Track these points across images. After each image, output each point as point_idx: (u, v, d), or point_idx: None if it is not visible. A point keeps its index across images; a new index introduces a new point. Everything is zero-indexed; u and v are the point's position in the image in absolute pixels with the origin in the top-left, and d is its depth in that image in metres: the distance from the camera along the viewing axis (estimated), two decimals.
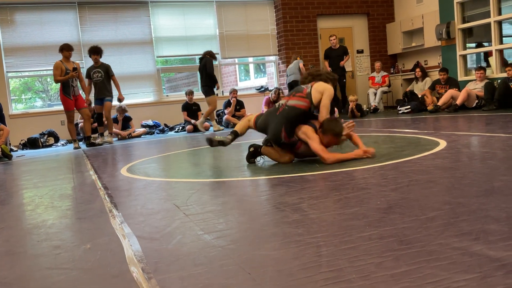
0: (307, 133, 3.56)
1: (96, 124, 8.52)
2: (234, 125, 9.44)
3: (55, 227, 2.29)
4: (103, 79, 8.09)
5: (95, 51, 8.04)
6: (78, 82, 7.65)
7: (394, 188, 2.43)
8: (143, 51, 9.82)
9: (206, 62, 8.58)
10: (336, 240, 1.67)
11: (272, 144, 3.79)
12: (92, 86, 8.20)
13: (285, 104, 3.67)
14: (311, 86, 3.72)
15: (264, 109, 9.91)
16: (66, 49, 7.50)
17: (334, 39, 9.75)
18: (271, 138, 3.72)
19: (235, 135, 3.89)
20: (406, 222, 1.81)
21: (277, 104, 3.80)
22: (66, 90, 7.44)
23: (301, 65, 9.51)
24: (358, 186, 2.58)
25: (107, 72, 8.15)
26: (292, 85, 9.17)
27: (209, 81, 8.64)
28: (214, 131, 8.75)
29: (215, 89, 8.78)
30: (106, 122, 8.24)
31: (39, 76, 11.40)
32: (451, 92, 8.17)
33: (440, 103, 8.18)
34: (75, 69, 7.46)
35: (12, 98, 9.42)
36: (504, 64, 8.29)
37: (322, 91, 3.67)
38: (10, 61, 8.99)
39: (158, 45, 9.94)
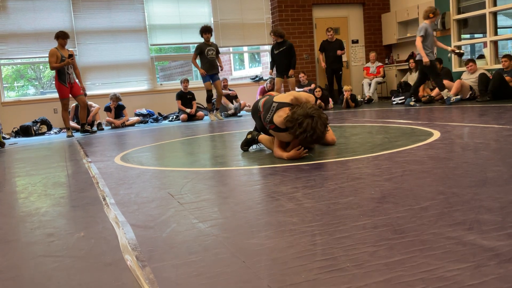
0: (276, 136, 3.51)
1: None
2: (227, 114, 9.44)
3: (49, 215, 2.28)
4: (215, 56, 8.60)
5: (207, 30, 8.52)
6: (73, 70, 7.62)
7: (388, 178, 2.43)
8: (136, 39, 9.74)
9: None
10: (330, 229, 1.68)
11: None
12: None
13: (260, 113, 3.64)
14: (271, 119, 3.39)
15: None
16: (62, 36, 7.50)
17: (331, 33, 9.70)
18: (259, 128, 3.90)
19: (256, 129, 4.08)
20: (400, 212, 1.81)
21: (257, 105, 3.72)
22: (62, 77, 7.43)
23: (418, 41, 7.38)
24: (352, 176, 2.58)
25: (217, 50, 8.66)
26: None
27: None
28: None
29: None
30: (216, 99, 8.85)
31: (31, 64, 11.31)
32: (445, 83, 8.18)
33: (434, 93, 8.20)
34: (70, 56, 7.44)
35: (4, 85, 9.33)
36: None
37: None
38: (2, 48, 8.88)
39: (152, 33, 9.86)
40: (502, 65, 7.70)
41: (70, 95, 7.58)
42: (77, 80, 7.73)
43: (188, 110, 9.17)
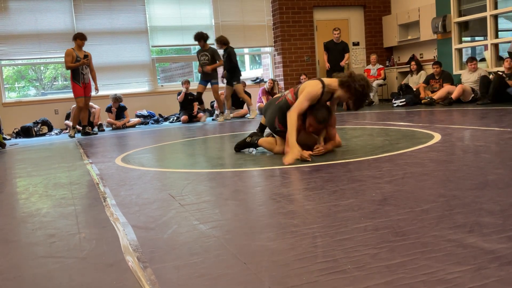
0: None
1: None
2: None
3: (50, 215, 2.28)
4: (209, 62, 8.50)
5: (198, 37, 8.44)
6: (89, 71, 7.76)
7: (389, 180, 2.44)
8: (138, 40, 9.75)
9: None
10: (331, 231, 1.68)
11: (274, 135, 3.83)
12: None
13: (284, 96, 3.67)
14: (301, 84, 3.59)
15: (262, 99, 9.86)
16: (80, 37, 7.71)
17: (338, 34, 9.66)
18: (267, 124, 3.79)
19: (261, 127, 4.04)
20: (401, 214, 1.82)
21: (281, 93, 3.78)
22: (76, 77, 7.63)
23: None
24: (353, 178, 2.58)
25: (213, 56, 8.51)
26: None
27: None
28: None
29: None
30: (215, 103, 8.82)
31: (32, 65, 11.31)
32: (448, 87, 8.17)
33: (436, 97, 8.20)
34: (86, 56, 7.57)
35: (5, 86, 9.34)
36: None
37: (302, 90, 3.47)
38: (3, 49, 8.89)
39: (153, 34, 9.87)
40: (504, 66, 7.69)
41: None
42: (91, 81, 7.83)
43: (183, 89, 9.18)
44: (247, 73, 12.79)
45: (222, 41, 8.65)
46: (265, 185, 2.65)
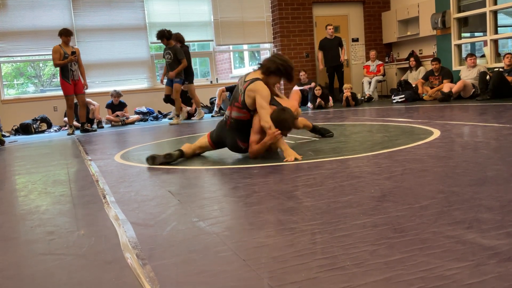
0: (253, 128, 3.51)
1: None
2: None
3: (49, 213, 2.29)
4: (171, 61, 8.12)
5: (158, 36, 8.12)
6: (78, 67, 7.66)
7: (388, 177, 2.44)
8: (137, 37, 9.72)
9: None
10: (330, 227, 1.68)
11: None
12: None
13: (230, 117, 3.57)
14: (244, 90, 3.47)
15: None
16: (64, 34, 7.58)
17: (331, 29, 9.64)
18: (234, 151, 3.68)
19: (181, 153, 3.65)
20: (400, 211, 1.82)
21: (224, 116, 3.68)
22: (65, 74, 7.52)
23: None
24: (352, 175, 2.59)
25: (175, 54, 8.15)
26: None
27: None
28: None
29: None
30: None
31: (31, 61, 11.30)
32: (450, 85, 8.15)
33: (445, 90, 8.18)
34: (73, 53, 7.48)
35: (4, 83, 9.32)
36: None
37: (253, 94, 3.42)
38: (2, 46, 8.87)
39: (152, 31, 9.84)
40: (504, 62, 7.67)
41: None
42: (81, 77, 7.76)
43: (188, 109, 9.14)
44: (246, 69, 12.78)
45: (178, 39, 8.51)
46: (264, 181, 2.65)
